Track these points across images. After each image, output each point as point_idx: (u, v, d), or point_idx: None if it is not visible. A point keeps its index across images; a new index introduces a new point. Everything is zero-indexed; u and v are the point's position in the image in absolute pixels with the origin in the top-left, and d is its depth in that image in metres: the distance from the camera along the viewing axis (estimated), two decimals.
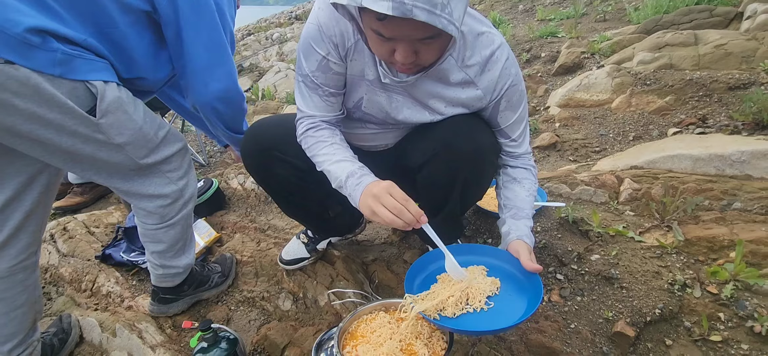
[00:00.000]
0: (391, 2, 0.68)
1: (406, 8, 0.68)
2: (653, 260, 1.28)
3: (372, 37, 0.83)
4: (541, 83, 2.84)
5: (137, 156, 1.08)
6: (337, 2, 0.76)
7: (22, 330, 1.19)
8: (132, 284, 1.72)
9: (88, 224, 2.11)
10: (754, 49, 2.11)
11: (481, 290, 0.89)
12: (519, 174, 1.12)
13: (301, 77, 1.06)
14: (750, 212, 1.35)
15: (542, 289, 0.88)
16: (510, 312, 0.88)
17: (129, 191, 1.16)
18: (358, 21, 0.86)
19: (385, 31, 0.77)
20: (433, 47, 0.81)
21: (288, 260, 1.52)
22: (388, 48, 0.81)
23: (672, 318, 1.13)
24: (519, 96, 1.06)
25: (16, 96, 0.87)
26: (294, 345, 1.29)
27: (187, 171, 1.23)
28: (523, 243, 0.96)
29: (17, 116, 0.89)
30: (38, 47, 0.87)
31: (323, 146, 1.05)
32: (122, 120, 1.02)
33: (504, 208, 1.09)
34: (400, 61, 0.81)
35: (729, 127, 1.76)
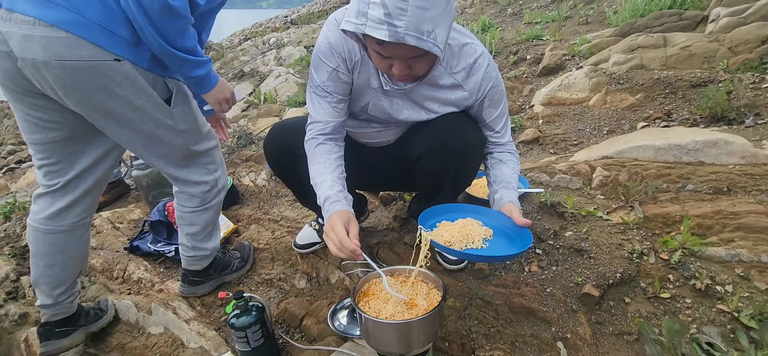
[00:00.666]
0: (388, 30, 0.89)
1: (399, 35, 0.89)
2: (617, 234, 1.49)
3: (374, 55, 1.04)
4: (526, 84, 3.06)
5: (191, 142, 1.34)
6: (346, 29, 0.97)
7: (70, 279, 1.44)
8: (160, 271, 1.91)
9: (112, 220, 2.30)
10: (715, 50, 2.35)
11: (478, 233, 1.10)
12: (504, 157, 1.32)
13: (312, 88, 1.26)
14: (700, 192, 1.57)
15: (532, 237, 1.08)
16: (506, 250, 1.08)
17: (178, 176, 1.40)
18: (363, 41, 1.07)
19: (384, 52, 0.98)
20: (423, 62, 1.02)
21: (302, 244, 1.72)
22: (387, 63, 1.02)
23: (630, 280, 1.34)
24: (499, 95, 1.27)
25: (119, 86, 1.13)
26: (310, 315, 1.49)
27: (220, 165, 1.46)
28: (514, 205, 1.17)
29: (117, 100, 1.15)
30: (136, 45, 1.13)
31: (317, 162, 1.23)
32: (186, 111, 1.30)
33: (494, 182, 1.28)
34: (397, 74, 1.02)
35: (689, 120, 1.98)
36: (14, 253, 2.24)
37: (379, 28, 0.89)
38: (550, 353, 1.22)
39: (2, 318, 1.84)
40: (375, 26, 0.89)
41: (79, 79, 1.09)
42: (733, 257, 1.30)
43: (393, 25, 0.88)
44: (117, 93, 1.14)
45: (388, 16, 0.87)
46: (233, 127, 3.65)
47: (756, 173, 1.54)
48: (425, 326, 1.01)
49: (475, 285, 1.44)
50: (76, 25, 1.04)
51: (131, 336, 1.63)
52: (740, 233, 1.35)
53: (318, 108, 1.26)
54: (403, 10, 0.87)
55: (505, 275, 1.47)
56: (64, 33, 1.03)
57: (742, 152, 1.61)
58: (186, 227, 1.49)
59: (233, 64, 6.73)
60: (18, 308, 1.85)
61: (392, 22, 0.88)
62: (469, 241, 1.09)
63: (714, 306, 1.21)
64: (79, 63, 1.07)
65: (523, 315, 1.32)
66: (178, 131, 1.30)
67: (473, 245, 1.09)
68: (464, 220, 1.18)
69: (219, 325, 1.55)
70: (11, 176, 4.59)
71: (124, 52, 1.11)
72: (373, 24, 0.89)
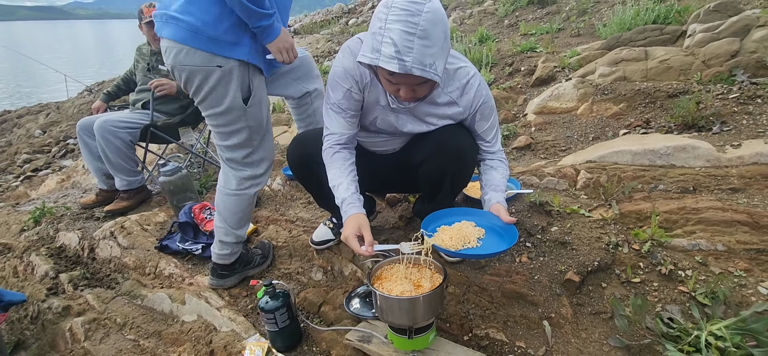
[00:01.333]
0: (398, 64, 1.10)
1: (406, 68, 1.11)
2: (597, 229, 1.70)
3: (384, 81, 1.25)
4: (520, 94, 3.28)
5: (253, 137, 1.64)
6: (362, 61, 1.18)
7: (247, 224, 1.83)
8: (188, 267, 2.11)
9: (140, 222, 2.50)
10: (690, 63, 2.57)
11: (473, 234, 1.30)
12: (494, 164, 1.54)
13: (329, 105, 1.48)
14: (669, 191, 1.78)
15: (517, 233, 1.28)
16: (495, 247, 1.28)
17: (232, 157, 1.67)
18: (374, 69, 1.29)
19: (393, 80, 1.20)
20: (425, 87, 1.24)
21: (317, 241, 1.93)
22: (396, 88, 1.24)
23: (607, 268, 1.55)
24: (489, 110, 1.49)
25: (218, 83, 1.50)
26: (327, 303, 1.69)
27: (268, 165, 1.77)
28: (501, 206, 1.37)
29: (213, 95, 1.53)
30: (236, 45, 1.47)
31: (334, 167, 1.45)
32: (257, 111, 1.62)
33: (485, 186, 1.49)
34: (403, 96, 1.24)
35: (665, 128, 2.20)
36: (50, 253, 2.45)
37: (390, 62, 1.11)
38: (536, 330, 1.43)
39: (46, 311, 2.04)
40: (387, 60, 1.11)
41: (191, 79, 1.49)
42: (693, 247, 1.51)
43: (402, 60, 1.10)
44: (216, 89, 1.50)
45: (398, 53, 1.09)
46: None
47: (718, 174, 1.75)
48: (429, 302, 1.21)
49: (473, 274, 1.65)
50: (190, 39, 1.42)
51: (167, 324, 1.83)
52: (701, 226, 1.56)
53: (334, 122, 1.48)
54: (410, 48, 1.09)
55: (498, 265, 1.67)
56: (181, 46, 1.42)
57: (707, 156, 1.83)
58: (223, 212, 1.72)
59: None
60: (60, 301, 2.05)
61: (401, 57, 1.10)
62: (466, 242, 1.29)
63: (676, 288, 1.42)
64: (192, 68, 1.46)
65: (514, 298, 1.53)
66: (247, 126, 1.60)
67: (469, 244, 1.28)
68: (460, 223, 1.38)
69: (246, 312, 1.75)
70: (30, 184, 4.79)
71: (226, 53, 1.46)
72: (385, 58, 1.11)
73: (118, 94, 3.06)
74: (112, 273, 2.26)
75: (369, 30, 1.19)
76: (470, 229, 1.35)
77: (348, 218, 1.32)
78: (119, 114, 2.77)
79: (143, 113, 2.78)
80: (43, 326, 1.99)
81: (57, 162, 5.47)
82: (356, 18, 9.93)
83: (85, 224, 2.67)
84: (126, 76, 3.08)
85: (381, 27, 1.12)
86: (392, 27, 1.09)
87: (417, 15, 1.08)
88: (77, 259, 2.41)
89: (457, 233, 1.31)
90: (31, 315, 2.08)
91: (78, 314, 1.98)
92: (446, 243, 1.27)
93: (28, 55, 8.43)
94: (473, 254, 1.30)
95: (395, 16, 1.09)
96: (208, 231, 2.19)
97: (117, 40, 60.21)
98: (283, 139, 3.79)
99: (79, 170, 4.20)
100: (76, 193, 3.52)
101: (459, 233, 1.32)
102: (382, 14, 1.12)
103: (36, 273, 2.32)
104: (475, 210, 1.45)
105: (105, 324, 1.89)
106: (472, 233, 1.32)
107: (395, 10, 1.10)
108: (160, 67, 2.84)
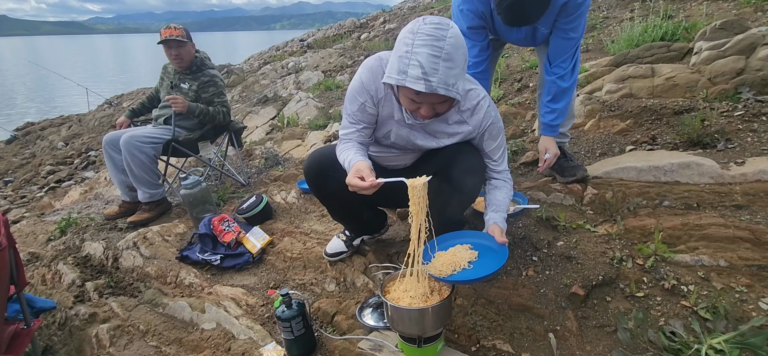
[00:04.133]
0: (424, 84, 1.20)
1: (433, 88, 1.20)
2: (602, 244, 1.75)
3: (406, 100, 1.34)
4: (528, 110, 3.34)
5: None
6: (388, 82, 1.28)
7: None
8: (207, 277, 2.21)
9: (162, 233, 2.61)
10: (696, 80, 2.60)
11: (464, 258, 1.36)
12: (499, 184, 1.61)
13: (347, 115, 1.57)
14: (674, 208, 1.82)
15: (507, 254, 1.34)
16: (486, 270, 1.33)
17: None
18: (395, 89, 1.38)
19: (417, 99, 1.29)
20: (445, 105, 1.34)
21: (331, 253, 2.01)
22: (416, 106, 1.33)
23: (611, 282, 1.59)
24: (497, 130, 1.56)
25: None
26: (341, 312, 1.77)
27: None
28: (497, 226, 1.44)
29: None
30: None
31: (346, 151, 1.53)
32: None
33: (488, 206, 1.57)
34: (424, 115, 1.33)
35: (671, 144, 2.24)
36: (77, 262, 2.57)
37: (417, 83, 1.21)
38: (542, 342, 1.48)
39: (73, 318, 2.15)
40: (414, 81, 1.21)
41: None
42: (696, 262, 1.55)
43: (428, 81, 1.20)
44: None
45: (424, 74, 1.19)
46: (260, 149, 3.99)
47: (722, 191, 1.79)
48: (438, 313, 1.28)
49: (480, 287, 1.71)
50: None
51: (187, 332, 1.92)
52: (704, 242, 1.60)
53: (349, 131, 1.58)
54: (436, 70, 1.19)
55: (505, 279, 1.73)
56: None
57: (711, 173, 1.86)
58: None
59: (254, 89, 7.14)
60: (87, 308, 2.16)
61: (428, 78, 1.19)
62: (456, 266, 1.35)
63: (678, 302, 1.46)
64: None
65: (521, 311, 1.58)
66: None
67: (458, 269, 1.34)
68: (454, 248, 1.44)
69: (263, 321, 1.84)
70: (54, 195, 4.98)
71: None
72: (412, 79, 1.21)
73: (143, 111, 3.21)
74: (135, 281, 2.37)
75: (394, 54, 1.28)
76: (463, 253, 1.41)
77: (352, 166, 1.40)
78: (143, 130, 2.91)
79: (166, 129, 2.91)
80: (71, 332, 2.10)
81: (79, 174, 5.68)
82: (368, 33, 10.12)
83: (108, 235, 2.79)
84: (151, 94, 3.24)
85: (408, 51, 1.22)
86: (419, 51, 1.20)
87: (442, 40, 1.19)
88: (102, 268, 2.53)
89: (449, 259, 1.38)
90: (58, 321, 2.19)
91: (103, 321, 2.08)
92: (438, 270, 1.34)
93: (51, 69, 8.78)
94: (459, 280, 1.33)
95: (422, 41, 1.20)
96: (227, 242, 2.29)
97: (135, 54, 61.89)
98: (297, 153, 3.90)
99: (101, 182, 4.37)
100: (99, 204, 3.66)
101: (452, 258, 1.38)
102: (408, 40, 1.22)
103: (63, 281, 2.44)
104: (475, 233, 1.52)
105: (129, 331, 1.99)
106: (464, 257, 1.38)
107: (421, 36, 1.20)
108: (181, 85, 2.98)
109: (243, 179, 3.33)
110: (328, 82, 6.16)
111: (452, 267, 1.34)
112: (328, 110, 4.98)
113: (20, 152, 7.70)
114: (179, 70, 2.98)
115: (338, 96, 5.51)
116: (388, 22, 10.56)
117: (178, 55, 2.85)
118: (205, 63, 3.03)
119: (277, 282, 2.08)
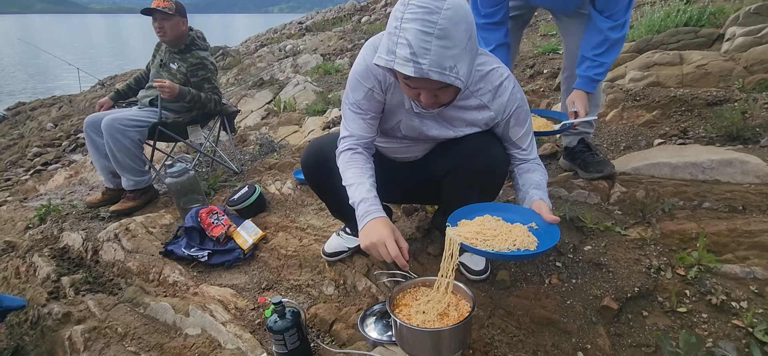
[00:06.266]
0: (413, 67, 0.99)
1: (423, 71, 0.99)
2: (635, 250, 1.55)
3: (403, 85, 1.13)
4: (543, 98, 3.13)
5: None
6: (378, 63, 1.06)
7: None
8: (193, 274, 2.01)
9: (146, 225, 2.41)
10: (730, 69, 2.39)
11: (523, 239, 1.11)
12: (532, 167, 1.38)
13: (348, 105, 1.36)
14: (716, 210, 1.62)
15: (559, 232, 1.11)
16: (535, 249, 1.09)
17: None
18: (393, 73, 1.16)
19: (411, 84, 1.08)
20: (448, 92, 1.11)
21: (330, 253, 1.81)
22: (415, 93, 1.12)
23: (648, 294, 1.41)
24: (524, 115, 1.35)
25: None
26: (340, 320, 1.57)
27: None
28: (544, 203, 1.22)
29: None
30: None
31: (351, 168, 1.32)
32: None
33: (523, 186, 1.34)
34: (424, 102, 1.11)
35: (705, 138, 2.04)
36: (53, 254, 2.37)
37: (405, 65, 0.99)
38: None
39: (45, 317, 1.96)
40: (402, 63, 1.00)
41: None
42: (747, 275, 1.36)
43: (418, 63, 0.98)
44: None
45: (413, 55, 0.98)
46: (255, 134, 3.77)
47: None
48: (456, 335, 1.08)
49: (498, 295, 1.52)
50: None
51: (169, 337, 1.72)
52: (755, 251, 1.40)
53: (352, 123, 1.36)
54: (426, 50, 0.97)
55: (526, 286, 1.54)
56: None
57: (756, 171, 1.67)
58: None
59: (250, 71, 6.88)
60: (61, 307, 1.96)
61: (417, 60, 0.98)
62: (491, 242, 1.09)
63: (729, 321, 1.27)
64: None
65: (545, 325, 1.39)
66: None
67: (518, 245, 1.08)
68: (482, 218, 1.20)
69: (253, 328, 1.64)
70: (39, 178, 4.76)
71: None
72: (400, 61, 1.00)
73: (129, 94, 2.98)
74: (115, 277, 2.18)
75: (387, 28, 1.07)
76: (502, 226, 1.16)
77: (373, 221, 1.19)
78: (128, 112, 2.68)
79: (151, 111, 2.69)
80: (43, 332, 1.91)
81: (67, 156, 5.45)
82: (369, 16, 9.81)
83: (89, 224, 2.59)
84: (139, 75, 3.01)
85: (396, 27, 1.01)
86: (408, 26, 0.98)
87: (435, 13, 0.97)
88: (80, 261, 2.33)
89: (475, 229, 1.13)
90: (31, 319, 2.00)
91: (78, 321, 1.89)
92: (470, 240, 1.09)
93: (42, 48, 8.48)
94: (510, 256, 1.08)
95: (412, 15, 0.98)
96: (216, 237, 2.09)
97: (130, 34, 60.95)
98: (294, 139, 3.68)
99: (87, 166, 4.15)
100: (83, 190, 3.45)
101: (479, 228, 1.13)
102: (399, 13, 1.01)
103: (38, 274, 2.24)
104: (505, 205, 1.29)
105: (105, 334, 1.80)
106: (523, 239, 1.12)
107: (412, 8, 0.98)
108: (170, 65, 2.75)
109: (236, 167, 3.12)
110: (327, 65, 5.90)
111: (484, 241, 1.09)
112: (327, 94, 4.74)
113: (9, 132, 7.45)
114: (170, 49, 2.75)
115: (338, 81, 5.27)
116: (390, 4, 10.24)
117: (161, 27, 2.62)
118: (196, 43, 2.79)
119: (269, 282, 1.89)
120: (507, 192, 2.07)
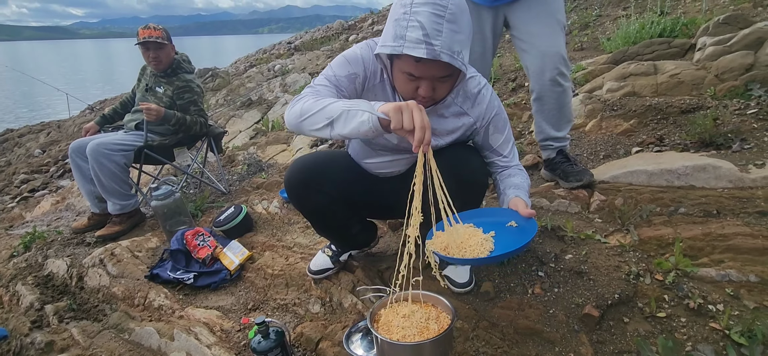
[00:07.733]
0: (426, 49, 1.02)
1: (435, 53, 1.03)
2: (615, 257, 1.58)
3: (402, 78, 1.15)
4: (525, 110, 3.19)
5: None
6: (381, 53, 1.09)
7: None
8: (179, 297, 1.99)
9: (132, 249, 2.39)
10: (702, 77, 2.47)
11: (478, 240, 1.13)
12: (513, 173, 1.41)
13: (326, 78, 1.28)
14: (691, 215, 1.66)
15: (537, 225, 1.13)
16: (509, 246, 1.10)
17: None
18: (388, 68, 1.19)
19: (416, 72, 1.10)
20: (447, 84, 1.16)
21: (315, 270, 1.81)
22: (414, 85, 1.14)
23: (628, 301, 1.43)
24: (503, 122, 1.40)
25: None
26: (326, 339, 1.57)
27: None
28: (520, 199, 1.24)
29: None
30: None
31: (325, 99, 1.14)
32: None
33: (504, 189, 1.36)
34: (422, 95, 1.14)
35: (680, 145, 2.09)
36: (37, 282, 2.33)
37: (417, 47, 1.03)
38: None
39: (28, 347, 1.92)
40: (413, 46, 1.03)
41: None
42: (723, 278, 1.39)
43: (430, 44, 1.02)
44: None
45: (426, 37, 1.02)
46: (243, 154, 3.78)
47: (743, 196, 1.64)
48: (437, 347, 1.09)
49: (482, 307, 1.53)
50: None
51: None
52: (730, 254, 1.44)
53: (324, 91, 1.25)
54: (439, 31, 1.02)
55: (510, 297, 1.55)
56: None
57: (729, 176, 1.71)
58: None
59: (239, 92, 6.91)
60: (43, 336, 1.93)
61: (430, 41, 1.02)
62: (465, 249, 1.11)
63: (707, 325, 1.29)
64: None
65: (528, 335, 1.40)
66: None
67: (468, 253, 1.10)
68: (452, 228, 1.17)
69: (239, 349, 1.63)
70: (25, 205, 4.70)
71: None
72: (411, 44, 1.04)
73: (115, 118, 2.99)
74: (100, 303, 2.15)
75: (389, 21, 1.11)
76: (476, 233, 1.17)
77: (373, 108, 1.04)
78: (113, 136, 2.69)
79: (137, 134, 2.69)
80: None
81: (54, 182, 5.39)
82: (356, 34, 9.95)
83: (74, 250, 2.56)
84: (125, 99, 3.02)
85: (405, 12, 1.05)
86: (419, 10, 1.03)
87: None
88: (65, 288, 2.30)
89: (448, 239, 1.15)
90: (14, 350, 1.95)
91: (61, 350, 1.85)
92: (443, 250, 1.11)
93: (30, 75, 8.43)
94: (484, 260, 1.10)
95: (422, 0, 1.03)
96: (201, 258, 2.08)
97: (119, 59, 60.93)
98: (282, 158, 3.70)
99: (74, 192, 4.11)
100: (69, 215, 3.42)
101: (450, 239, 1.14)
102: (407, 1, 1.06)
103: (21, 303, 2.20)
104: (483, 210, 1.31)
105: None
106: (476, 238, 1.15)
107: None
108: (156, 89, 2.76)
109: (223, 187, 3.12)
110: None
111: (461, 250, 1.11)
112: None
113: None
114: (155, 72, 2.77)
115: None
116: (376, 23, 10.40)
117: (157, 57, 2.65)
118: (182, 66, 2.82)
119: (256, 302, 1.88)
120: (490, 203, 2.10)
